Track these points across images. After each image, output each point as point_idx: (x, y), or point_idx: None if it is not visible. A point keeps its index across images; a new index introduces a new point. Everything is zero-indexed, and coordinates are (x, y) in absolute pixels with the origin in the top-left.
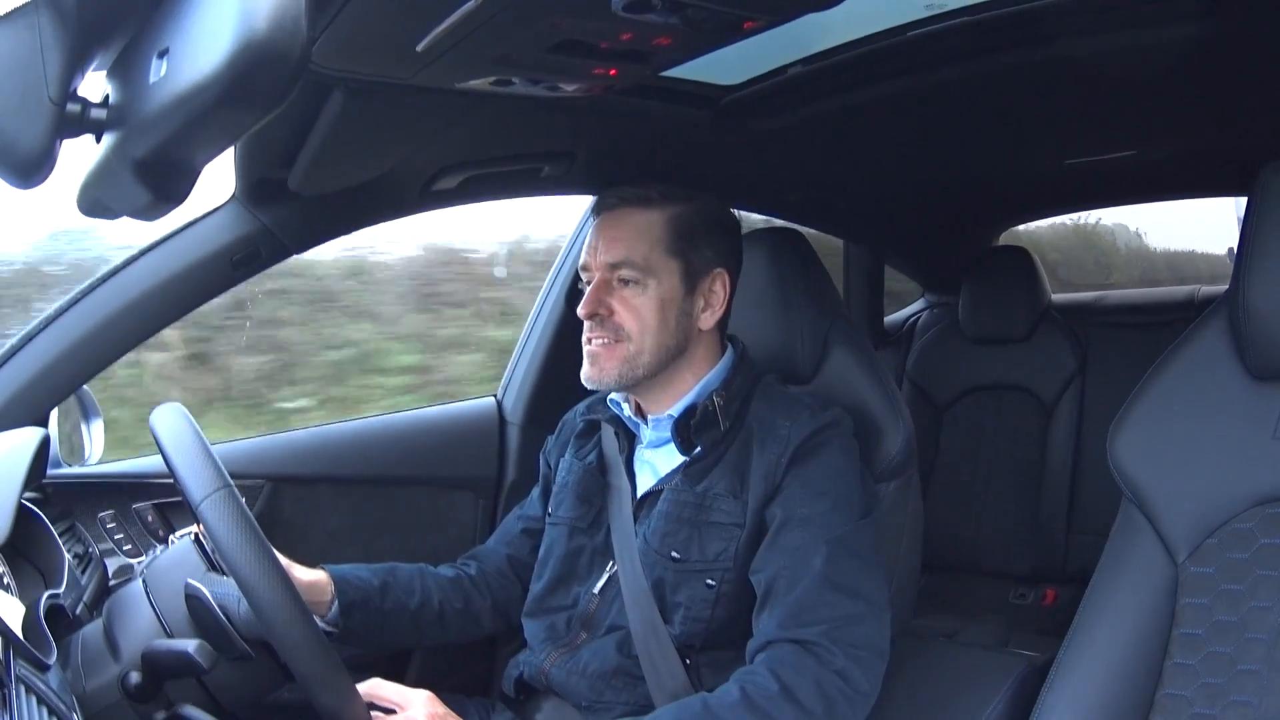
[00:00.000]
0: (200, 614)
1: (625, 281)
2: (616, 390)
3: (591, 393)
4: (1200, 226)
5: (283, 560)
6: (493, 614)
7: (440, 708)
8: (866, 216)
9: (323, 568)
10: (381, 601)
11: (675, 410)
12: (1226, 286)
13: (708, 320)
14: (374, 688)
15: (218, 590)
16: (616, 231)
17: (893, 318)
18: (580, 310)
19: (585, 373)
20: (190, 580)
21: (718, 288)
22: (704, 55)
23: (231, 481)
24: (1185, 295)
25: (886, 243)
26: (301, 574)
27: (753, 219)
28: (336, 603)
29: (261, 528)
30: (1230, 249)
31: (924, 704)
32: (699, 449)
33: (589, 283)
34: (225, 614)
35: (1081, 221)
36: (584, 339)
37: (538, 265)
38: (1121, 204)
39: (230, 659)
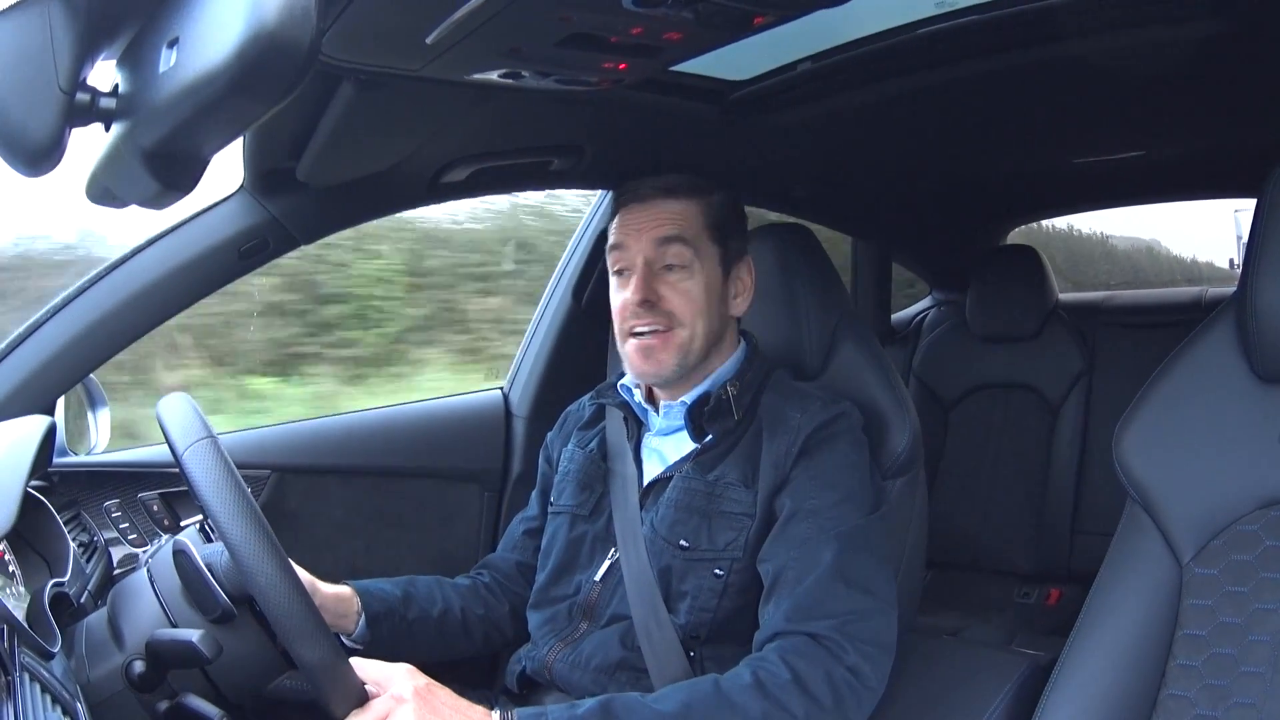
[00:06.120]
0: (185, 570)
1: (670, 267)
2: (674, 383)
3: (596, 385)
4: None
5: (306, 577)
6: (511, 619)
7: (422, 678)
8: (874, 213)
9: (346, 583)
10: (405, 611)
11: (688, 398)
12: (1234, 288)
13: (740, 306)
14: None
15: (205, 550)
16: (659, 214)
17: (900, 315)
18: (631, 297)
19: (638, 368)
20: (179, 537)
21: (745, 275)
22: (714, 50)
23: (214, 432)
24: (1193, 296)
25: (894, 240)
26: (326, 589)
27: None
28: (363, 616)
29: (267, 518)
30: (1230, 259)
31: (927, 702)
32: (710, 437)
33: (619, 269)
34: (211, 571)
35: None
36: (627, 329)
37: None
38: (1129, 204)
39: (212, 619)
